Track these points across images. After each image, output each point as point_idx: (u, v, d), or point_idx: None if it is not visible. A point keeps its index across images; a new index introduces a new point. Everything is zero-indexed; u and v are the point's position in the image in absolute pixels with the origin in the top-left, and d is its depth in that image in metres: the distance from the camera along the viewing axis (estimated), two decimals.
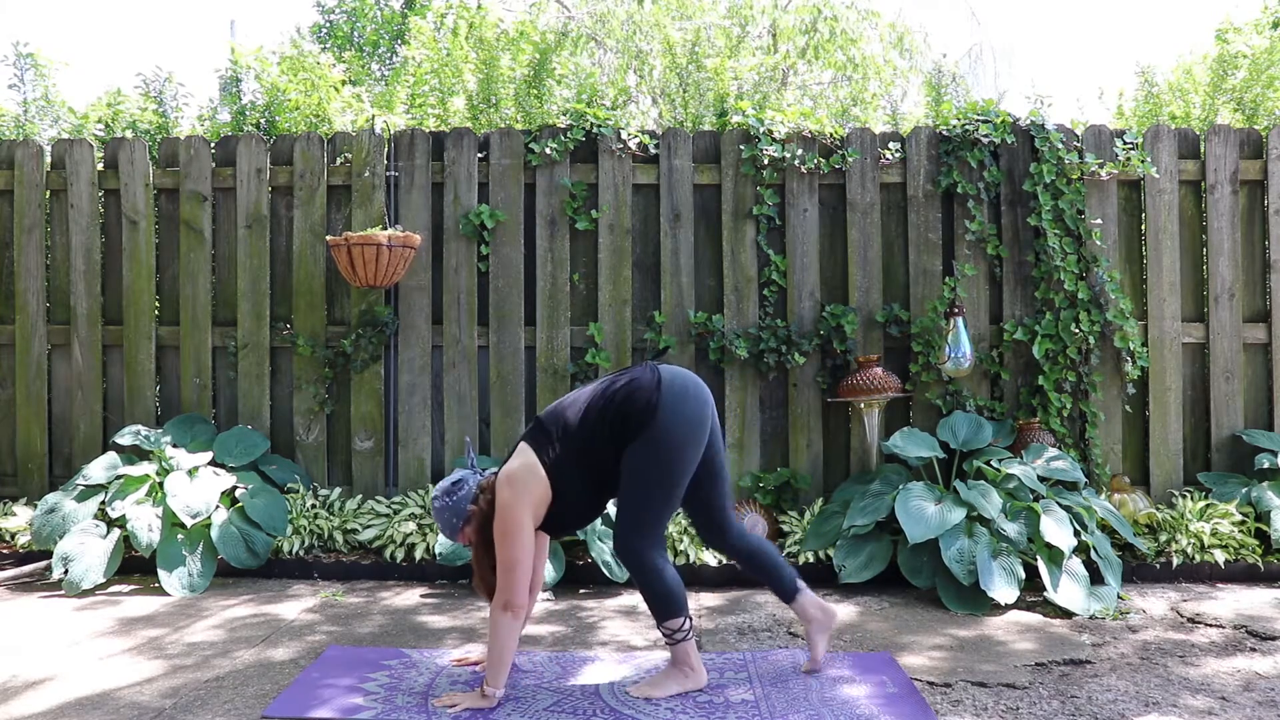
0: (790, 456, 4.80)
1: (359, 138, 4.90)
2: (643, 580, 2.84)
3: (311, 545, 4.46)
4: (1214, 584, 4.21)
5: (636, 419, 2.80)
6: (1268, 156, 4.83)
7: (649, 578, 2.83)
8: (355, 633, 3.54)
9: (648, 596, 2.85)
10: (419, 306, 4.87)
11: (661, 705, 2.79)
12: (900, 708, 2.78)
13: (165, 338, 4.98)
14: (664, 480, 2.82)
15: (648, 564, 2.82)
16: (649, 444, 2.79)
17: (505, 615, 2.74)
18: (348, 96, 5.41)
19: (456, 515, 2.87)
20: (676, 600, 2.84)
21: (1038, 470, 4.24)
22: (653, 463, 2.80)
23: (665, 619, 2.86)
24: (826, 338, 4.76)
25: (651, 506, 2.83)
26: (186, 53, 19.60)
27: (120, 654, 3.28)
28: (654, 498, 2.82)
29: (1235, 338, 4.80)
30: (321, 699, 2.83)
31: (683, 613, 2.86)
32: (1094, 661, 3.21)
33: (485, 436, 4.88)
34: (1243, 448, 4.73)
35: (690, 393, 2.86)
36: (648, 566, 2.82)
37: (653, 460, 2.80)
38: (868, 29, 9.62)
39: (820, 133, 4.86)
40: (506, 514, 2.77)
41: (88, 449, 4.90)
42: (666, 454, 2.80)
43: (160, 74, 5.58)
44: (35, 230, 5.00)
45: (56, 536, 4.18)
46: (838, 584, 4.13)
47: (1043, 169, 4.70)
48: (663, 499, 2.83)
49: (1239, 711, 2.76)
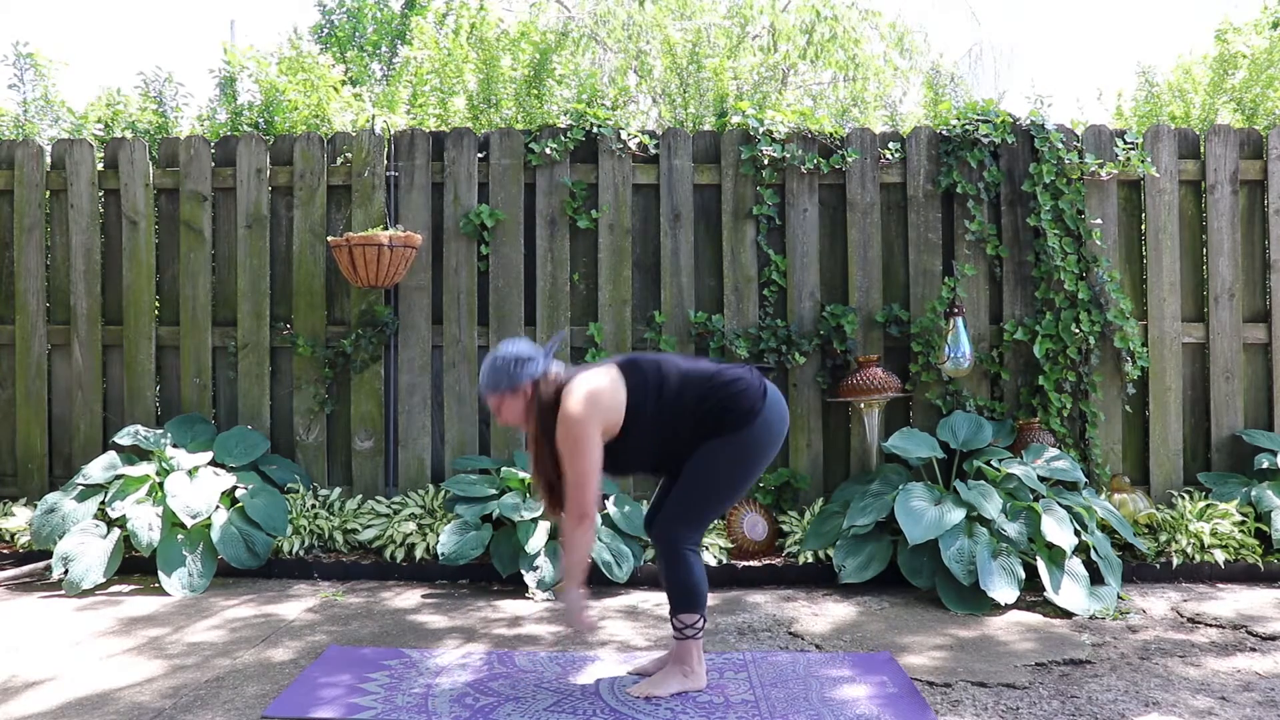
0: (790, 456, 4.80)
1: (359, 138, 4.90)
2: (672, 568, 2.86)
3: (312, 545, 4.46)
4: (1214, 584, 4.21)
5: (734, 419, 2.84)
6: (1268, 156, 4.83)
7: (679, 568, 2.86)
8: (355, 633, 3.54)
9: (672, 585, 2.87)
10: (419, 306, 4.87)
11: (662, 705, 2.79)
12: (900, 708, 2.78)
13: (165, 338, 4.98)
14: (731, 483, 2.88)
15: (683, 554, 2.86)
16: (734, 446, 2.84)
17: (580, 526, 2.77)
18: (348, 97, 5.41)
19: (509, 381, 2.86)
20: (698, 596, 2.87)
21: (1038, 470, 4.24)
22: (728, 464, 2.85)
23: (682, 611, 2.87)
24: (826, 338, 4.76)
25: (710, 504, 2.89)
26: (187, 53, 19.60)
27: (120, 654, 3.27)
28: (714, 497, 2.88)
29: (1235, 338, 4.80)
30: (322, 699, 2.83)
31: (700, 611, 2.88)
32: (1094, 661, 3.21)
33: (485, 436, 4.88)
34: (1243, 448, 4.73)
35: (782, 414, 2.95)
36: (682, 556, 2.86)
37: (730, 462, 2.85)
38: (868, 29, 9.62)
39: (820, 133, 4.86)
40: (577, 428, 2.76)
41: (88, 449, 4.89)
42: (744, 461, 2.86)
43: (160, 74, 5.58)
44: (35, 230, 5.00)
45: (56, 536, 4.18)
46: (838, 584, 4.13)
47: (1043, 169, 4.70)
48: (719, 500, 2.91)
49: (1239, 711, 2.76)
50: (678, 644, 2.91)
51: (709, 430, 2.85)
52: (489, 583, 4.27)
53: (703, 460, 2.86)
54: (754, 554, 4.48)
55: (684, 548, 2.86)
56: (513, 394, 2.88)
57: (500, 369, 2.88)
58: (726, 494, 2.90)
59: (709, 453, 2.85)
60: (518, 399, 2.89)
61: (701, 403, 2.85)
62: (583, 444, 2.76)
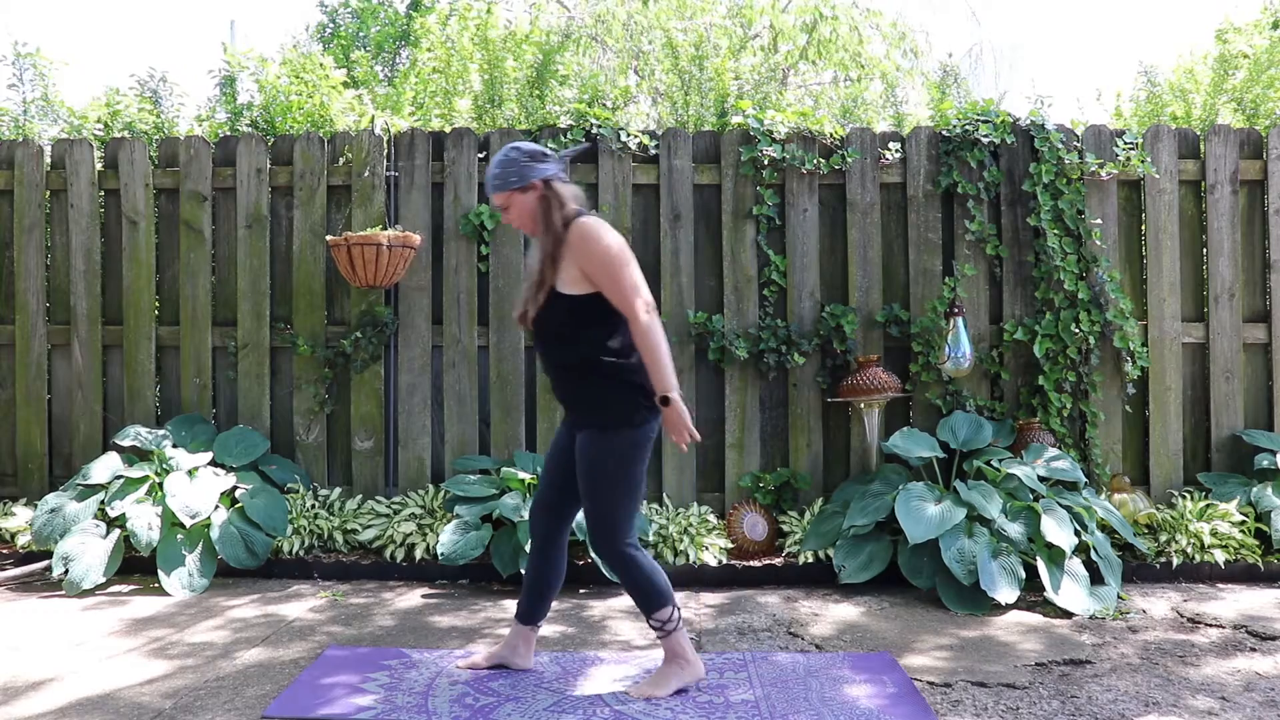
0: (790, 456, 4.80)
1: (359, 138, 4.90)
2: (623, 575, 2.85)
3: (311, 545, 4.46)
4: (1214, 584, 4.21)
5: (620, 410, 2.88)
6: (1268, 156, 4.83)
7: (630, 572, 2.84)
8: (356, 633, 3.54)
9: (631, 591, 2.86)
10: (419, 306, 4.87)
11: (662, 705, 2.79)
12: (900, 708, 2.78)
13: (165, 338, 4.98)
14: (629, 480, 2.89)
15: (626, 556, 2.84)
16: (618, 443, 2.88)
17: (650, 318, 2.73)
18: (350, 99, 5.40)
19: (519, 177, 2.80)
20: (661, 591, 2.84)
21: (1038, 470, 4.24)
22: (616, 464, 2.85)
23: (654, 611, 2.85)
24: (826, 338, 4.76)
25: (618, 505, 2.89)
26: (188, 53, 19.60)
27: (121, 654, 3.27)
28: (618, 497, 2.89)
29: (1235, 338, 4.80)
30: (322, 699, 2.83)
31: (670, 603, 2.86)
32: (1094, 661, 3.21)
33: (485, 436, 4.88)
34: (1243, 448, 4.73)
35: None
36: (626, 559, 2.84)
37: (617, 462, 2.86)
38: (868, 29, 9.62)
39: (820, 133, 4.86)
40: (619, 250, 2.73)
41: (88, 449, 4.89)
42: (631, 460, 2.88)
43: (155, 74, 5.58)
44: (35, 230, 5.00)
45: (57, 536, 4.18)
46: (838, 584, 4.13)
47: (1043, 169, 4.70)
48: (628, 498, 2.91)
49: (1239, 711, 2.76)
50: (664, 642, 2.90)
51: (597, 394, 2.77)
52: (489, 583, 4.27)
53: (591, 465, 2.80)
54: (754, 554, 4.48)
55: (624, 550, 2.83)
56: (522, 192, 2.80)
57: (510, 162, 2.80)
58: (630, 491, 2.83)
59: (597, 458, 2.79)
60: (527, 198, 2.81)
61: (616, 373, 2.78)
62: (624, 258, 2.73)
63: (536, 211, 2.83)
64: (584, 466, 2.83)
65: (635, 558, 2.84)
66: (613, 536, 2.83)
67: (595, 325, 2.78)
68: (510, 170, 2.81)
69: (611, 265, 2.73)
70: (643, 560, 2.85)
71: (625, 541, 2.84)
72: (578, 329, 2.78)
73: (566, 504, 3.02)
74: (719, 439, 4.81)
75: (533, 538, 3.04)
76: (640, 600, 2.86)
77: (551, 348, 2.86)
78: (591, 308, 2.77)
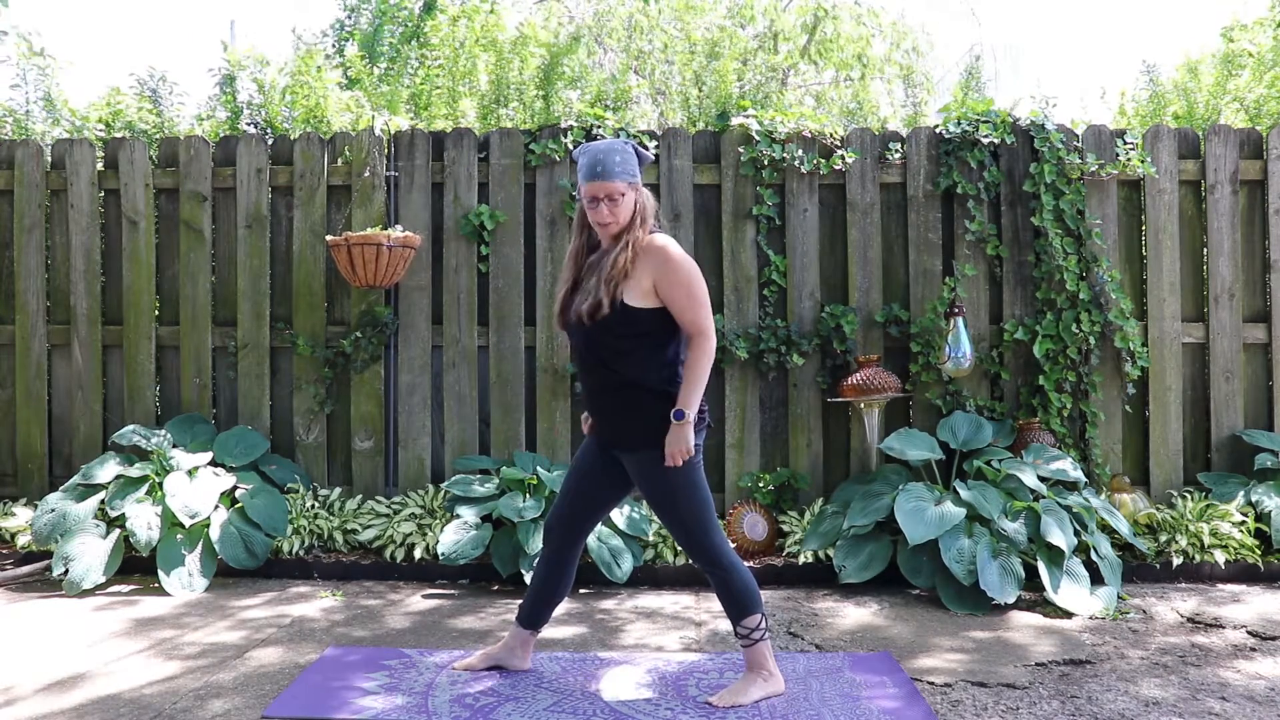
0: (790, 456, 4.80)
1: (359, 138, 4.90)
2: (718, 580, 2.84)
3: (311, 545, 4.46)
4: (1214, 584, 4.20)
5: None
6: (1268, 156, 4.83)
7: (730, 576, 2.83)
8: (355, 633, 3.54)
9: (723, 596, 2.84)
10: (419, 306, 4.87)
11: (661, 705, 2.79)
12: (900, 708, 2.78)
13: (165, 338, 4.98)
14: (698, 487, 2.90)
15: (726, 562, 2.83)
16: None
17: (709, 344, 2.75)
18: (347, 100, 5.40)
19: (636, 172, 2.77)
20: (752, 596, 2.83)
21: (1038, 470, 4.24)
22: (685, 476, 2.86)
23: (744, 616, 2.82)
24: (826, 338, 4.76)
25: (699, 514, 2.89)
26: (189, 53, 19.60)
27: (121, 654, 3.27)
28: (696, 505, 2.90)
29: (1235, 338, 4.80)
30: (321, 699, 2.83)
31: (759, 610, 2.83)
32: (1094, 661, 3.21)
33: (485, 436, 4.88)
34: (1243, 448, 4.73)
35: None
36: (727, 565, 2.83)
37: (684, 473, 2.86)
38: (869, 28, 9.62)
39: (820, 133, 4.85)
40: (697, 271, 2.78)
41: (88, 449, 4.90)
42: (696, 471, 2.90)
43: (155, 74, 5.58)
44: (35, 230, 5.00)
45: (57, 536, 4.18)
46: (838, 584, 4.13)
47: (1043, 169, 4.70)
48: (705, 505, 2.92)
49: (1240, 711, 2.76)
50: (747, 651, 2.85)
51: (648, 415, 2.75)
52: (489, 583, 4.27)
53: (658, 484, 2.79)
54: (754, 554, 4.48)
55: (723, 558, 2.82)
56: (633, 189, 2.76)
57: (630, 152, 2.75)
58: (705, 499, 2.83)
59: (664, 483, 2.78)
60: (638, 196, 2.77)
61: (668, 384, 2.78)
62: (699, 278, 2.78)
63: (632, 212, 2.78)
64: (653, 494, 2.81)
65: (735, 564, 2.82)
66: (705, 545, 2.81)
67: (652, 341, 2.77)
68: (630, 161, 2.76)
69: (694, 284, 2.75)
70: (740, 568, 2.83)
71: (720, 547, 2.82)
72: (638, 343, 2.76)
73: (585, 521, 3.00)
74: (719, 439, 4.81)
75: (546, 548, 3.00)
76: (729, 606, 2.84)
77: (601, 360, 2.80)
78: (654, 322, 2.77)
